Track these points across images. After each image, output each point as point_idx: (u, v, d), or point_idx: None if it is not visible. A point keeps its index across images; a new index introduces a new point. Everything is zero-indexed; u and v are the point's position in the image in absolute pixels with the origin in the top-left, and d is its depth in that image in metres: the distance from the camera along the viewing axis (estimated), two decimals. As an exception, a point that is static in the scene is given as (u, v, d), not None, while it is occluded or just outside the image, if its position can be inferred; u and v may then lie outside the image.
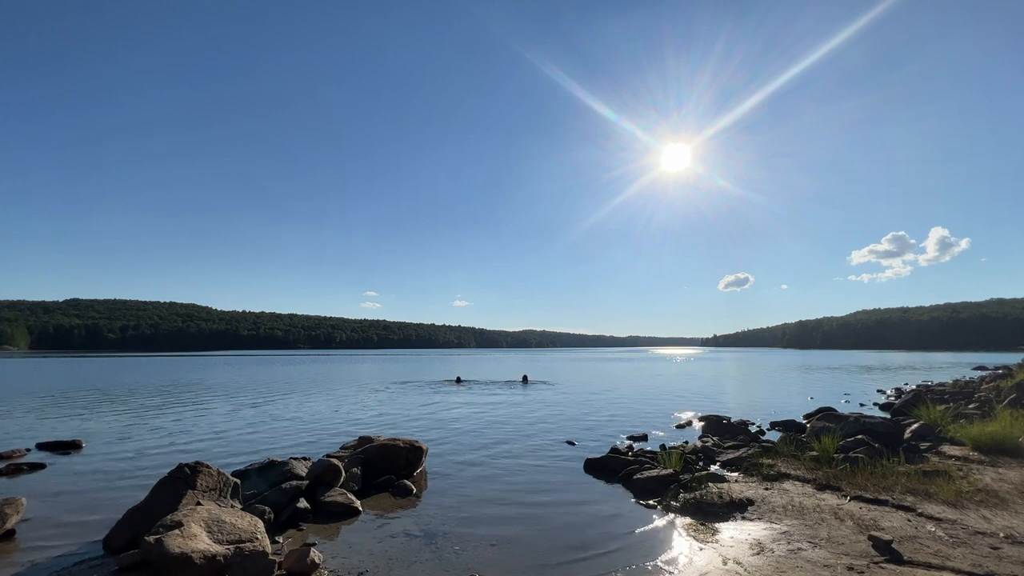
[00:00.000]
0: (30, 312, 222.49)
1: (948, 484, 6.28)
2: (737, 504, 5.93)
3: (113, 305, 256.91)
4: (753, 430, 11.48)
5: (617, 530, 5.40)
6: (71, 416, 14.37)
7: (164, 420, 13.59)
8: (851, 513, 5.55)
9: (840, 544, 4.72)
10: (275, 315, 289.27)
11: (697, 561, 4.51)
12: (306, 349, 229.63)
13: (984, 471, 7.29)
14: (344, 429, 12.09)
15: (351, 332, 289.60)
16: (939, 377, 30.58)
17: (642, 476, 7.01)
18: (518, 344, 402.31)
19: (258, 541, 4.36)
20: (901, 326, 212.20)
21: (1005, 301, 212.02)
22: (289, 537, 5.17)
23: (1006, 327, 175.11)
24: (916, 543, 4.67)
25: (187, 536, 4.10)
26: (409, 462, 7.55)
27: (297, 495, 5.92)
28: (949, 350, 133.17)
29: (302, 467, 6.72)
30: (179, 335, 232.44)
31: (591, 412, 15.10)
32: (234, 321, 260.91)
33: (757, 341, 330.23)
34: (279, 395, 20.53)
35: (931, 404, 11.70)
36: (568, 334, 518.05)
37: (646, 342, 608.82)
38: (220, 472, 5.55)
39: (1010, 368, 31.25)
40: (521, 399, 18.87)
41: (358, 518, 5.81)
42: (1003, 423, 9.10)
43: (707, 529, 5.28)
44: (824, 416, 10.62)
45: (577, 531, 5.38)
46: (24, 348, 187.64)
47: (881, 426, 9.29)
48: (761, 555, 4.55)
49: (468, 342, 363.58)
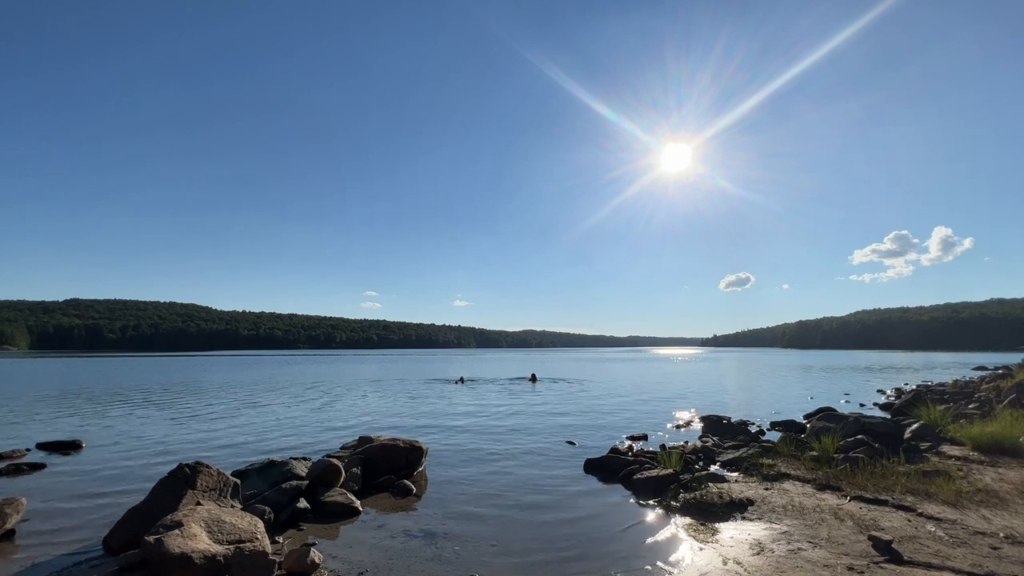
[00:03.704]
0: (30, 312, 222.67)
1: (948, 484, 6.28)
2: (737, 504, 5.93)
3: (113, 305, 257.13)
4: (753, 430, 11.48)
5: (617, 530, 5.40)
6: (71, 416, 14.38)
7: (164, 420, 13.59)
8: (851, 513, 5.55)
9: (840, 544, 4.72)
10: (275, 315, 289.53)
11: (697, 561, 4.51)
12: (306, 349, 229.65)
13: (984, 471, 7.29)
14: (344, 429, 12.10)
15: (351, 332, 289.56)
16: (939, 377, 30.58)
17: (642, 476, 7.01)
18: (518, 344, 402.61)
19: (258, 541, 4.37)
20: (901, 326, 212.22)
21: (1005, 301, 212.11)
22: (289, 537, 5.17)
23: (1006, 327, 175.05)
24: (916, 543, 4.67)
25: (187, 536, 4.10)
26: (409, 462, 7.55)
27: (297, 495, 5.92)
28: (949, 350, 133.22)
29: (302, 467, 6.72)
30: (179, 335, 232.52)
31: (591, 412, 15.10)
32: (234, 321, 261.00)
33: (757, 341, 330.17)
34: (279, 395, 20.53)
35: (931, 404, 11.69)
36: (568, 334, 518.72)
37: (646, 342, 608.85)
38: (220, 472, 5.55)
39: (1010, 368, 31.25)
40: (521, 399, 18.88)
41: (358, 518, 5.81)
42: (1003, 423, 9.10)
43: (707, 529, 5.28)
44: (824, 416, 10.62)
45: (577, 531, 5.39)
46: (24, 348, 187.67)
47: (881, 426, 9.29)
48: (761, 555, 4.55)
49: (468, 342, 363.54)
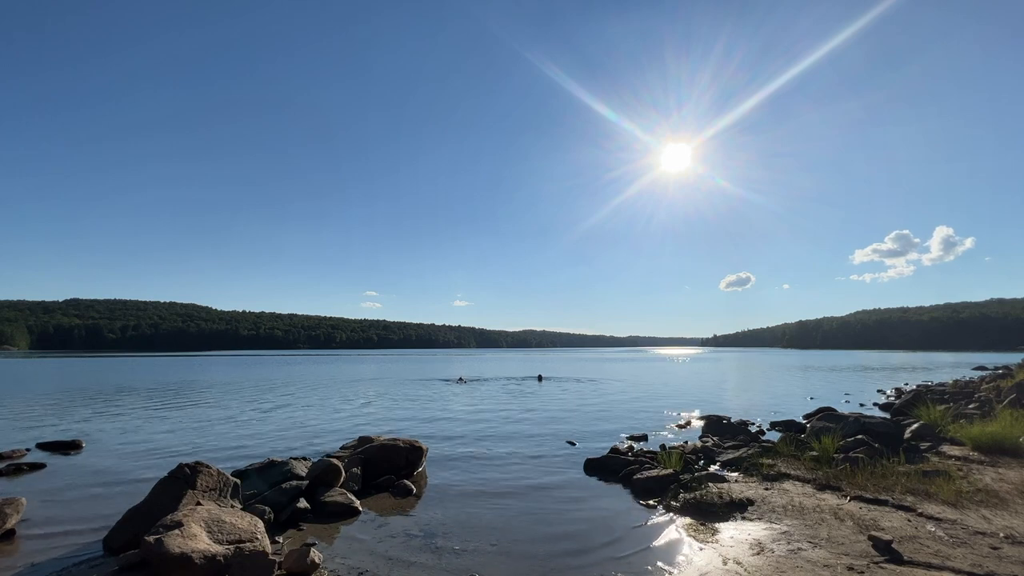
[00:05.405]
0: (30, 312, 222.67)
1: (948, 484, 6.28)
2: (737, 504, 5.93)
3: (113, 305, 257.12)
4: (753, 430, 11.48)
5: (617, 530, 5.40)
6: (71, 416, 14.37)
7: (164, 420, 13.59)
8: (851, 513, 5.55)
9: (840, 544, 4.72)
10: (275, 315, 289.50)
11: (697, 561, 4.51)
12: (306, 349, 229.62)
13: (984, 471, 7.29)
14: (344, 429, 12.10)
15: (351, 332, 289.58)
16: (939, 377, 30.58)
17: (642, 476, 7.01)
18: (518, 344, 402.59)
19: (258, 541, 4.37)
20: (901, 326, 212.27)
21: (1005, 301, 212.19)
22: (289, 537, 5.17)
23: (1006, 327, 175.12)
24: (916, 543, 4.67)
25: (187, 536, 4.10)
26: (409, 462, 7.55)
27: (297, 495, 5.92)
28: (949, 350, 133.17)
29: (302, 467, 6.72)
30: (179, 335, 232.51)
31: (591, 412, 15.10)
32: (234, 321, 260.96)
33: (757, 341, 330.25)
34: (279, 395, 20.53)
35: (931, 404, 11.69)
36: (568, 334, 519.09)
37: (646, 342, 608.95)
38: (220, 472, 5.55)
39: (1010, 368, 31.24)
40: (521, 399, 18.88)
41: (358, 518, 5.81)
42: (1003, 423, 9.10)
43: (707, 529, 5.28)
44: (824, 416, 10.61)
45: (577, 531, 5.39)
46: (24, 348, 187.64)
47: (881, 426, 9.29)
48: (761, 555, 4.55)
49: (468, 342, 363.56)
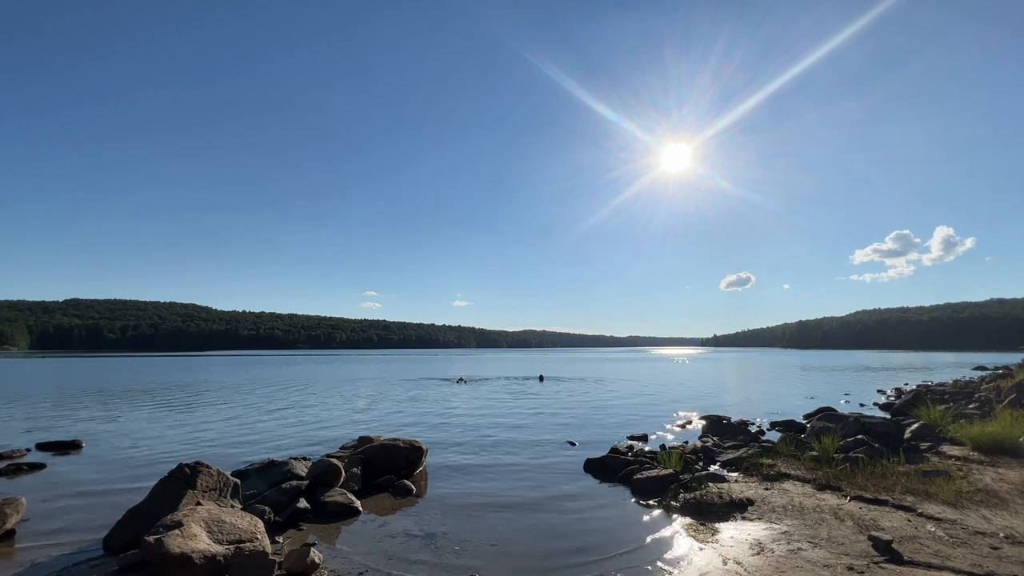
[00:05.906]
0: (30, 312, 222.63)
1: (948, 484, 6.28)
2: (737, 504, 5.93)
3: (113, 305, 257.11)
4: (753, 430, 11.48)
5: (617, 530, 5.40)
6: (71, 416, 14.37)
7: (164, 420, 13.59)
8: (851, 513, 5.55)
9: (840, 544, 4.72)
10: (275, 315, 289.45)
11: (697, 561, 4.51)
12: (306, 349, 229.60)
13: (984, 471, 7.29)
14: (344, 429, 12.10)
15: (351, 332, 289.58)
16: (939, 377, 30.58)
17: (642, 476, 7.01)
18: (518, 344, 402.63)
19: (258, 541, 4.37)
20: (901, 326, 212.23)
21: (1005, 301, 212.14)
22: (289, 537, 5.17)
23: (1006, 327, 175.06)
24: (916, 543, 4.67)
25: (187, 536, 4.10)
26: (409, 462, 7.55)
27: (297, 495, 5.92)
28: (949, 350, 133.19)
29: (302, 467, 6.73)
30: (179, 335, 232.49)
31: (591, 412, 15.10)
32: (234, 321, 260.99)
33: (757, 341, 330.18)
34: (279, 395, 20.53)
35: (931, 404, 11.69)
36: (568, 334, 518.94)
37: (646, 342, 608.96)
38: (220, 472, 5.55)
39: (1010, 368, 31.24)
40: (521, 399, 18.88)
41: (358, 518, 5.81)
42: (1003, 423, 9.11)
43: (707, 529, 5.28)
44: (824, 416, 10.62)
45: (577, 531, 5.39)
46: (24, 348, 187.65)
47: (881, 426, 9.29)
48: (761, 555, 4.55)
49: (468, 342, 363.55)
